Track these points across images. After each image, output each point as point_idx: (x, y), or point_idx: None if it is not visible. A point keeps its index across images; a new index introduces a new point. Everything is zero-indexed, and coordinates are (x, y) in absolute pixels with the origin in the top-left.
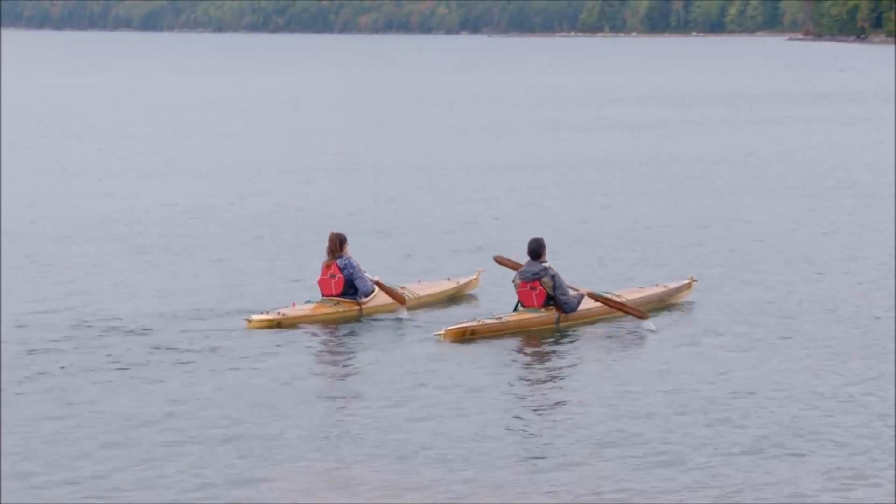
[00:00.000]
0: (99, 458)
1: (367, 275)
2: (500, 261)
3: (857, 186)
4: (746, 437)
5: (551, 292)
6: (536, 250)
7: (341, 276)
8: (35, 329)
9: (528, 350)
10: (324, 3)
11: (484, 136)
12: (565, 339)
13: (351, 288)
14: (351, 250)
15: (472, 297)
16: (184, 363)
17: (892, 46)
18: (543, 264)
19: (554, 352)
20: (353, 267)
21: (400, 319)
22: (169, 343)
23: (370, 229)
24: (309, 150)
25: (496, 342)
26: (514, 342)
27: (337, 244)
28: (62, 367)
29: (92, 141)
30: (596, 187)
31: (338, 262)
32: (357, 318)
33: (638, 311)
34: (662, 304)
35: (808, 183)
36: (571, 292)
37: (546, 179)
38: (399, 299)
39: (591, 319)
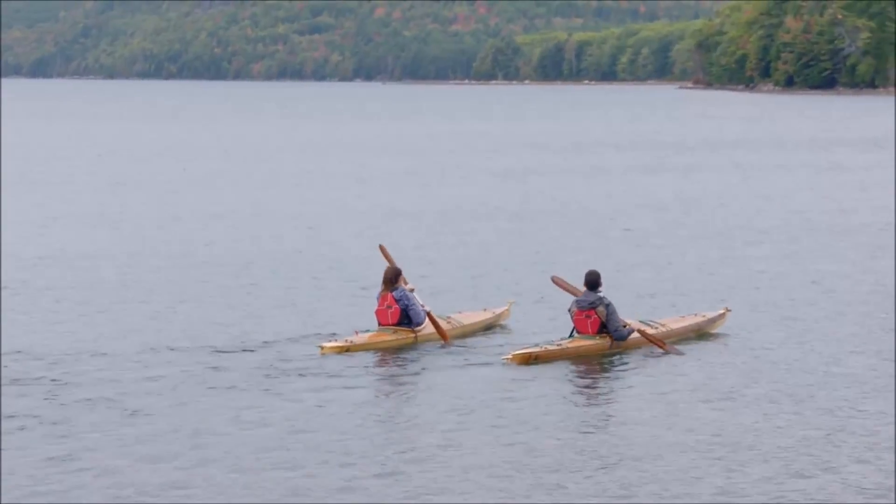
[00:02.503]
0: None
1: (419, 304)
2: (558, 282)
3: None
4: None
5: (605, 320)
6: (594, 281)
7: (397, 306)
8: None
9: (585, 373)
10: (217, 50)
11: (362, 183)
12: (617, 364)
13: (405, 318)
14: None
15: (505, 326)
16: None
17: (780, 95)
18: (599, 294)
19: (607, 376)
20: (407, 299)
21: (454, 346)
22: (260, 367)
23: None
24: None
25: (557, 365)
26: (572, 366)
27: (392, 277)
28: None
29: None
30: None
31: (393, 293)
32: (413, 345)
33: (676, 350)
34: (701, 332)
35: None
36: (625, 324)
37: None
38: (443, 335)
39: (642, 347)
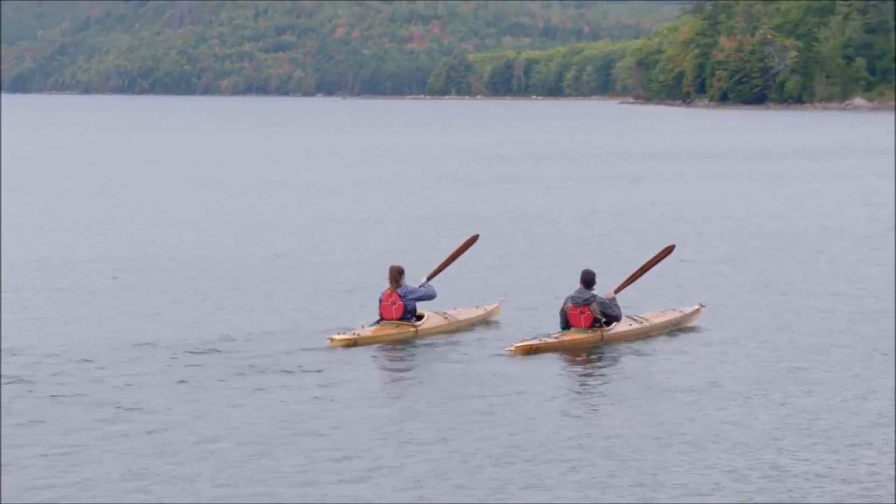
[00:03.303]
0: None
1: (419, 284)
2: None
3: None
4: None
5: (598, 316)
6: (590, 280)
7: (401, 303)
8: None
9: (577, 367)
10: (187, 67)
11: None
12: (607, 354)
13: (409, 314)
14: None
15: (496, 322)
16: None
17: (715, 110)
18: (593, 292)
19: (598, 364)
20: (412, 292)
21: (452, 339)
22: (271, 358)
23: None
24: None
25: (554, 355)
26: (567, 356)
27: (396, 275)
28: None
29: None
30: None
31: (399, 290)
32: (413, 339)
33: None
34: (678, 325)
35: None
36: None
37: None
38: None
39: (628, 339)
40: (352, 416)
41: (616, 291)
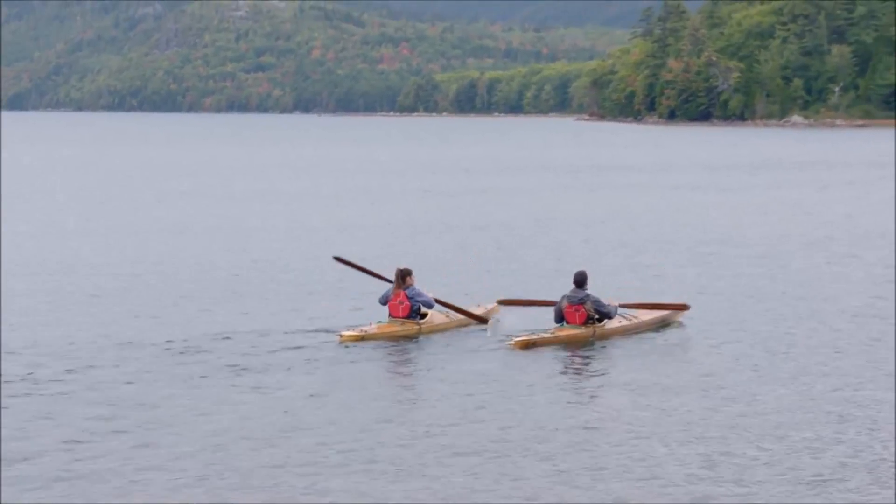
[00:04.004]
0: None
1: (428, 294)
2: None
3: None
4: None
5: (592, 313)
6: (582, 281)
7: (408, 303)
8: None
9: (572, 355)
10: (172, 86)
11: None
12: (598, 348)
13: (414, 313)
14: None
15: (495, 320)
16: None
17: (664, 126)
18: (586, 291)
19: (590, 357)
20: (419, 294)
21: (454, 336)
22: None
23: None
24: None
25: (551, 349)
26: (562, 349)
27: (401, 277)
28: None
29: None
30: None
31: (406, 291)
32: (417, 335)
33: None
34: (665, 322)
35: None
36: (609, 304)
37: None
38: (470, 314)
39: (618, 335)
40: (358, 406)
41: (619, 304)
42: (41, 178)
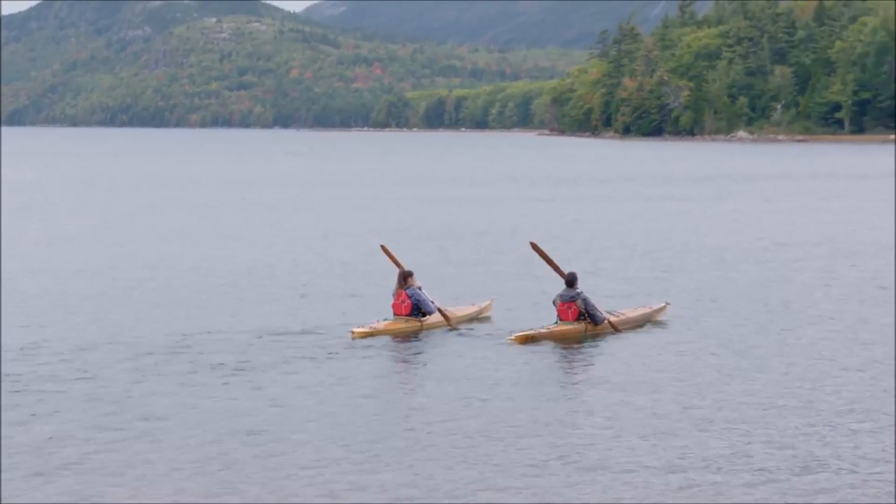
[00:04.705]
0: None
1: (429, 299)
2: (536, 248)
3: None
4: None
5: (583, 310)
6: (572, 280)
7: (409, 301)
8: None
9: (566, 350)
10: (161, 103)
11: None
12: (592, 343)
13: (416, 311)
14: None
15: (489, 318)
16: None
17: (619, 141)
18: (577, 290)
19: (582, 352)
20: (418, 296)
21: (453, 330)
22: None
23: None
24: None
25: (547, 343)
26: (558, 345)
27: (403, 278)
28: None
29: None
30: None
31: (407, 291)
32: (419, 332)
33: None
34: (649, 319)
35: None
36: (601, 312)
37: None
38: (448, 321)
39: (610, 331)
40: (364, 398)
41: (609, 322)
42: (41, 189)
